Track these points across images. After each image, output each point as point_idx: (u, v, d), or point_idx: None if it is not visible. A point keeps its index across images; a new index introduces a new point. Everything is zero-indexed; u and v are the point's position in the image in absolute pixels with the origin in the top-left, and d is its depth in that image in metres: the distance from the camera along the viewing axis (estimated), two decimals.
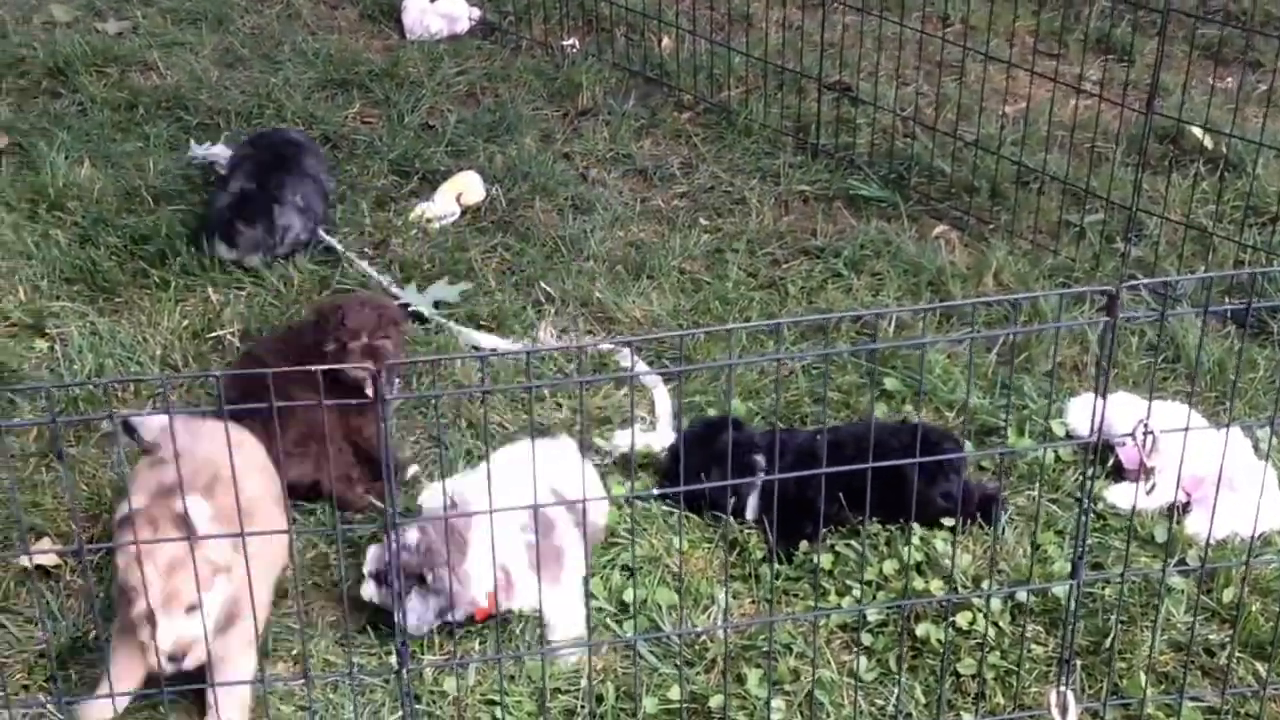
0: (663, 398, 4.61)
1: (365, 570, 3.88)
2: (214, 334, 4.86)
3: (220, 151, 5.65)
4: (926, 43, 5.79)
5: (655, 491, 4.20)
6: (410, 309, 4.92)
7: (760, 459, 4.08)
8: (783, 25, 6.28)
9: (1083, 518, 3.32)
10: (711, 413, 4.48)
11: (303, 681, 3.62)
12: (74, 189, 5.46)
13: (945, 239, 5.35)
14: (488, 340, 4.83)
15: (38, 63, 6.29)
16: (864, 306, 4.96)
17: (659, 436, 4.46)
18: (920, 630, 3.82)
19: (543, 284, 5.11)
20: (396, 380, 4.33)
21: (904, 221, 5.42)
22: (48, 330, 4.84)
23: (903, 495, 3.90)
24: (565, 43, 6.48)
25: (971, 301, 4.59)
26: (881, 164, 5.66)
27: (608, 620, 3.88)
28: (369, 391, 4.07)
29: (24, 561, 3.92)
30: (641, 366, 4.72)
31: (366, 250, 5.27)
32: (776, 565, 4.00)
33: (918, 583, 3.94)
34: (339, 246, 5.22)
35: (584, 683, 3.70)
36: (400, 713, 3.61)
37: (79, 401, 4.52)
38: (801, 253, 5.31)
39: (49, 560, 3.97)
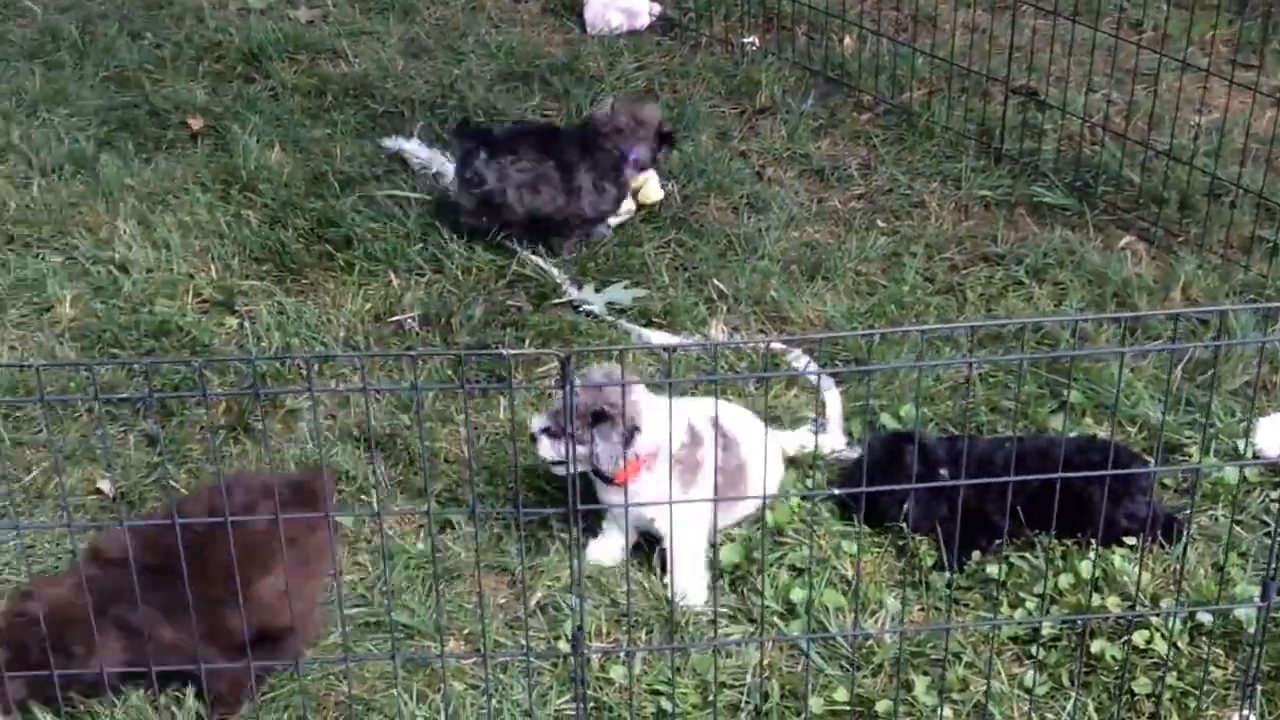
0: (834, 400, 4.58)
1: (534, 430, 3.90)
2: (394, 318, 4.97)
3: (414, 148, 5.75)
4: (1119, 48, 5.64)
5: (835, 490, 4.17)
6: (581, 309, 4.98)
7: (945, 473, 4.02)
8: (969, 27, 6.18)
9: (1274, 539, 3.22)
10: (885, 417, 4.44)
11: (475, 659, 3.68)
12: (265, 172, 5.63)
13: (1132, 250, 5.21)
14: (658, 338, 4.85)
15: (233, 48, 6.48)
16: (1046, 316, 4.86)
17: (830, 439, 4.44)
18: (1095, 646, 3.75)
19: (715, 281, 5.12)
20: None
21: (1089, 230, 5.30)
22: (237, 308, 5.00)
23: (1085, 513, 3.83)
24: (745, 40, 6.47)
25: (1164, 313, 4.47)
26: (1067, 171, 5.54)
27: (774, 619, 3.87)
28: None
29: None
30: (813, 367, 4.69)
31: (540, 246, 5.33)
32: (947, 574, 3.96)
33: (1094, 599, 3.86)
34: (517, 248, 5.27)
35: (749, 679, 3.70)
36: (567, 695, 3.66)
37: (265, 378, 4.66)
38: (981, 259, 5.22)
39: None
